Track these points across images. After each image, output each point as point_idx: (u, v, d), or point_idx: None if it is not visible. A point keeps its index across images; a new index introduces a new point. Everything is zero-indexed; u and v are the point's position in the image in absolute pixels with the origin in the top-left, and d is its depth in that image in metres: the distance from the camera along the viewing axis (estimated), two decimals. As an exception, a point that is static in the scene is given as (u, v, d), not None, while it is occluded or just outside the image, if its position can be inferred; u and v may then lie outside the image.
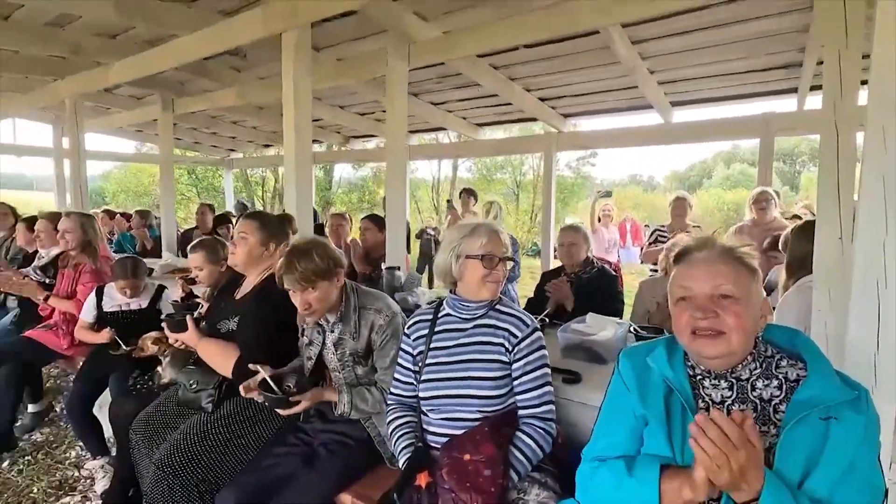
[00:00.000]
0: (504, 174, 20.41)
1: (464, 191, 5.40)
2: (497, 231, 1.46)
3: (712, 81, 3.99)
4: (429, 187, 19.37)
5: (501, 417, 1.38)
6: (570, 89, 4.34)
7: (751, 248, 1.03)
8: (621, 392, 1.11)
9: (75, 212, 3.13)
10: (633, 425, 1.07)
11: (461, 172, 19.67)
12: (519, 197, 21.69)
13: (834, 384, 0.93)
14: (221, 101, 4.48)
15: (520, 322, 1.45)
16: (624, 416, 1.08)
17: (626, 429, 1.07)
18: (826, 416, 0.90)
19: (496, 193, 21.15)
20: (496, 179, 19.73)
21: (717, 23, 2.90)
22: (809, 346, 1.01)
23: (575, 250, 2.65)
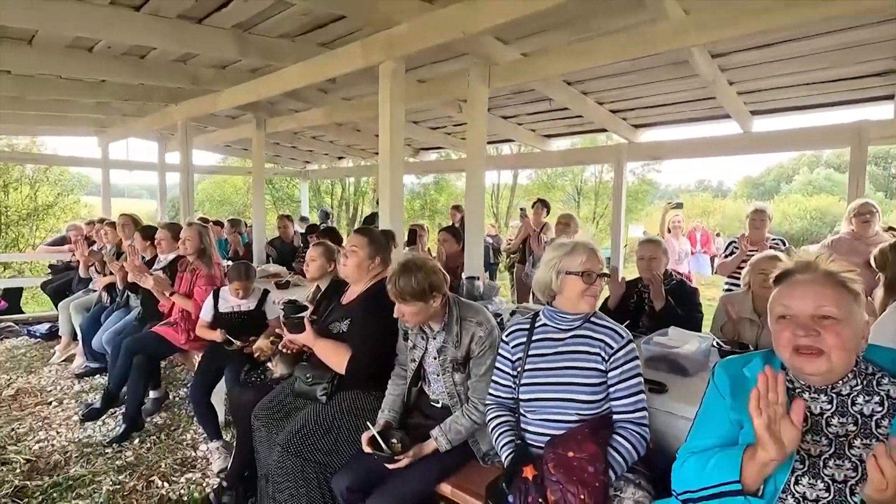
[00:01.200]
0: (564, 180, 20.19)
1: (538, 201, 5.50)
2: (594, 249, 1.60)
3: (798, 90, 3.86)
4: (487, 194, 19.53)
5: (599, 420, 1.51)
6: (643, 101, 4.35)
7: (854, 273, 1.09)
8: (716, 400, 1.21)
9: (195, 222, 3.56)
10: (727, 428, 1.16)
11: (521, 179, 19.68)
12: (580, 204, 21.38)
13: None
14: (308, 120, 4.88)
15: (615, 334, 1.57)
16: (719, 420, 1.18)
17: (720, 431, 1.16)
18: (932, 433, 0.95)
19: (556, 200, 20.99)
20: (557, 186, 19.56)
21: (805, 34, 2.86)
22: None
23: (655, 264, 2.70)
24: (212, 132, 6.52)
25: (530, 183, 18.96)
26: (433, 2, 2.65)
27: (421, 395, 2.02)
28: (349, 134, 6.34)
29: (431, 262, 1.86)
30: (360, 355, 1.99)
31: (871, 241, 3.51)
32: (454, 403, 1.88)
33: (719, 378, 1.23)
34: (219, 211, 15.65)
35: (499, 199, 19.11)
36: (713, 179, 59.52)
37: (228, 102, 4.00)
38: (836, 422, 1.07)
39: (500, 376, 1.73)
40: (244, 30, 3.05)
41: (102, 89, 4.24)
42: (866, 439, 1.03)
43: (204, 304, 3.04)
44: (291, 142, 7.15)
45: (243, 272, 2.96)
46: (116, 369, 3.21)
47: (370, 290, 2.15)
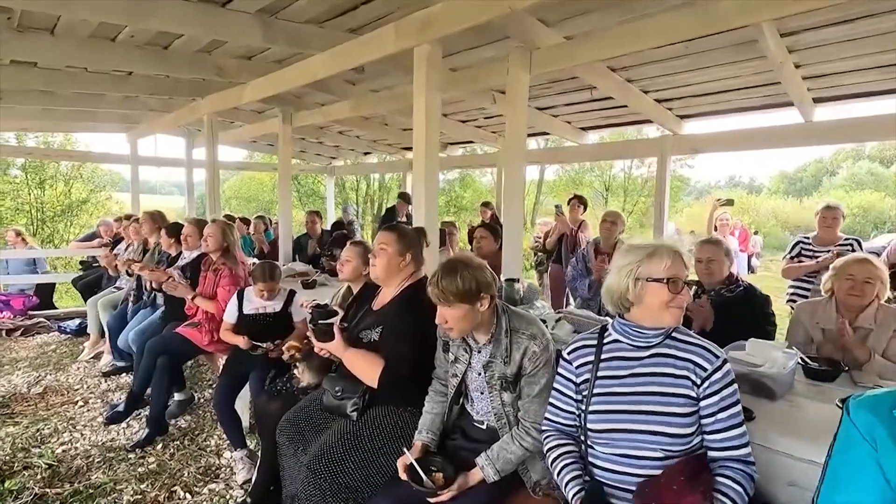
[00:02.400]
0: (592, 176, 19.72)
1: (574, 197, 5.23)
2: (680, 253, 1.34)
3: (866, 74, 3.49)
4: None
5: (694, 462, 1.25)
6: (692, 90, 4.02)
7: None
8: (860, 447, 0.95)
9: (219, 219, 3.43)
10: (880, 488, 0.91)
11: (547, 175, 19.28)
12: (608, 200, 20.84)
13: None
14: (336, 114, 4.71)
15: (707, 353, 1.32)
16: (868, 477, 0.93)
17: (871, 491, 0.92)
18: None
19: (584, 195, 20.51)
20: (584, 182, 19.11)
21: (880, 10, 2.52)
22: None
23: (716, 266, 2.42)
24: (238, 127, 6.44)
25: (557, 179, 18.54)
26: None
27: (462, 414, 1.81)
28: (376, 128, 6.16)
29: (478, 260, 1.65)
30: (394, 366, 1.79)
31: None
32: (502, 426, 1.66)
33: (861, 420, 0.97)
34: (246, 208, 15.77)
35: (526, 194, 18.80)
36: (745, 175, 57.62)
37: (254, 95, 3.86)
38: None
39: (560, 400, 1.49)
40: (270, 14, 2.88)
41: (128, 83, 4.16)
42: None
43: (228, 305, 2.89)
44: (318, 137, 7.03)
45: (268, 272, 2.80)
46: (140, 370, 3.12)
47: (404, 294, 1.95)
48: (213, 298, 3.09)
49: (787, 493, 1.42)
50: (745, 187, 45.46)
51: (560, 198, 18.33)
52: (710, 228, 5.38)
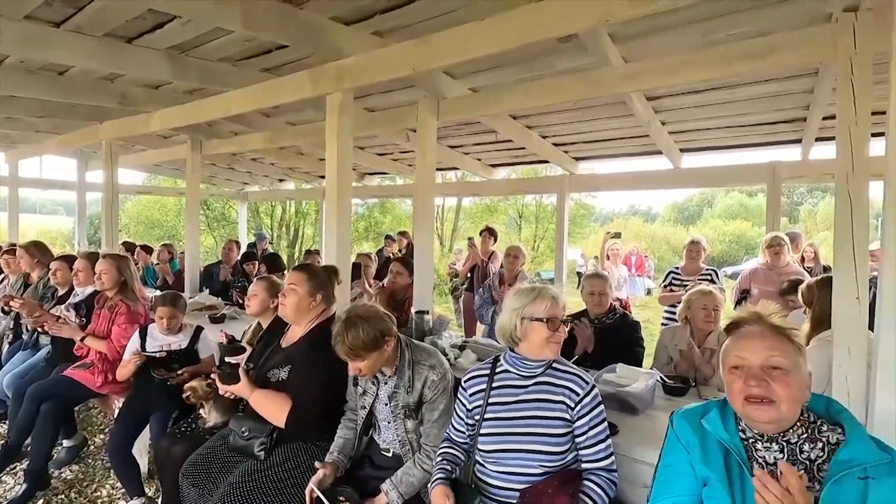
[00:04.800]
0: (507, 203, 20.67)
1: (485, 229, 5.56)
2: (557, 296, 1.59)
3: (722, 132, 4.19)
4: (433, 217, 19.63)
5: (567, 473, 1.49)
6: (584, 136, 4.54)
7: (796, 328, 1.15)
8: (680, 453, 1.21)
9: (112, 253, 3.25)
10: (692, 487, 1.17)
11: (465, 202, 19.93)
12: (521, 227, 21.98)
13: (870, 447, 1.05)
14: (250, 144, 4.68)
15: (580, 379, 1.56)
16: (684, 477, 1.18)
17: (686, 488, 1.17)
18: (864, 476, 1.01)
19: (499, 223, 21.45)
20: (499, 210, 20.00)
21: (728, 84, 3.10)
22: (844, 413, 1.12)
23: (605, 299, 2.77)
24: (140, 152, 6.10)
25: (474, 206, 19.24)
26: (384, 36, 2.64)
27: (371, 444, 1.92)
28: (291, 157, 6.15)
29: (374, 309, 1.78)
30: (302, 406, 1.86)
31: (783, 271, 3.85)
32: (406, 452, 1.80)
33: (681, 429, 1.23)
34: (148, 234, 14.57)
35: (443, 221, 19.24)
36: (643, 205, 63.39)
37: (162, 124, 3.75)
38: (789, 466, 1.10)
39: (457, 423, 1.68)
40: (181, 52, 2.88)
41: (11, 104, 3.84)
42: (810, 483, 1.06)
43: (128, 343, 2.76)
44: (229, 163, 6.83)
45: (169, 298, 2.72)
46: (19, 419, 2.83)
47: (313, 332, 2.03)
48: (107, 338, 2.92)
49: (642, 493, 1.69)
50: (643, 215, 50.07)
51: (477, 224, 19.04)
52: (604, 258, 5.97)
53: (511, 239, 21.65)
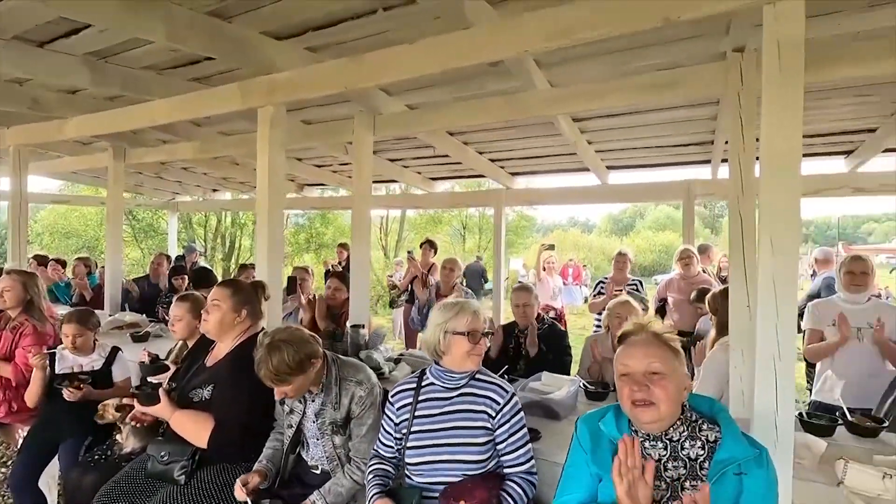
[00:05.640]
0: (451, 214, 20.92)
1: (425, 242, 5.62)
2: (478, 310, 1.67)
3: (643, 152, 4.52)
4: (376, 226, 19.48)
5: (489, 474, 1.57)
6: (519, 153, 4.74)
7: (674, 334, 1.29)
8: (579, 454, 1.32)
9: (16, 269, 3.02)
10: (588, 483, 1.27)
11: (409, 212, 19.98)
12: (465, 237, 22.31)
13: (742, 444, 1.19)
14: (179, 153, 4.49)
15: (500, 389, 1.64)
16: (582, 475, 1.29)
17: (583, 486, 1.27)
18: (739, 472, 1.14)
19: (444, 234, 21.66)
20: (443, 220, 20.21)
21: (645, 109, 3.36)
22: (722, 413, 1.27)
23: (529, 310, 2.90)
24: (55, 158, 5.67)
25: (418, 217, 19.33)
26: (318, 52, 2.65)
27: (299, 462, 1.90)
28: (225, 167, 5.94)
29: (297, 331, 1.76)
30: (225, 425, 1.82)
31: (694, 281, 4.21)
32: (334, 468, 1.80)
33: (581, 432, 1.34)
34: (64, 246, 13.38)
35: (388, 232, 19.17)
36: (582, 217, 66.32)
37: (78, 131, 3.53)
38: (671, 466, 1.22)
39: (385, 437, 1.71)
40: (100, 58, 2.74)
41: None
42: (694, 481, 1.19)
43: (37, 366, 2.56)
44: (157, 171, 6.49)
45: (76, 315, 2.56)
46: None
47: (238, 350, 1.99)
48: (10, 361, 2.69)
49: (559, 495, 1.79)
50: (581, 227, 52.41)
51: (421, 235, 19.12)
52: (539, 269, 6.21)
53: (455, 250, 21.91)
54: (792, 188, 1.49)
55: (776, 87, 1.49)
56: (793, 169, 1.49)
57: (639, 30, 1.69)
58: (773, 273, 1.48)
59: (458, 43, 1.99)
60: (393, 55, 2.14)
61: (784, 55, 1.48)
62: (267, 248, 2.54)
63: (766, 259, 1.50)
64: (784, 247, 1.48)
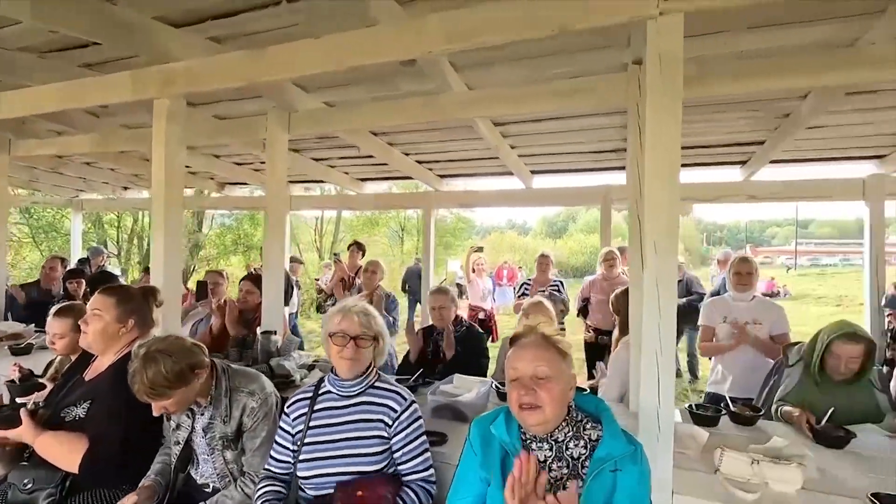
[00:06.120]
0: (389, 216, 20.75)
1: (353, 244, 5.49)
2: (352, 311, 1.60)
3: (565, 157, 4.67)
4: (310, 228, 18.93)
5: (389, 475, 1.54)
6: (445, 155, 4.74)
7: (563, 335, 1.32)
8: (470, 457, 1.31)
9: None
10: (477, 487, 1.27)
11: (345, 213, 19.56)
12: (403, 239, 22.20)
13: (620, 441, 1.23)
14: (75, 147, 4.09)
15: (398, 396, 1.60)
16: (472, 478, 1.28)
17: (473, 489, 1.27)
18: (614, 469, 1.18)
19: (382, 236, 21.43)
20: (381, 222, 19.99)
21: (563, 115, 3.47)
22: (605, 412, 1.31)
23: (445, 313, 2.89)
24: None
25: (355, 218, 18.99)
26: (222, 42, 2.50)
27: (188, 481, 1.76)
28: (135, 163, 5.50)
29: (177, 340, 1.64)
30: (99, 447, 1.65)
31: (615, 281, 4.42)
32: (226, 485, 1.69)
33: (473, 435, 1.34)
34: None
35: (323, 234, 18.67)
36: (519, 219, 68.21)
37: (-56, 118, 3.12)
38: (555, 466, 1.25)
39: (277, 451, 1.61)
40: (-36, 36, 2.43)
41: None
42: (575, 480, 1.22)
43: None
44: (54, 167, 5.89)
45: None
46: None
47: (121, 362, 1.81)
48: None
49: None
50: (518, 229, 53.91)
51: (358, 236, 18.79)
52: (469, 271, 6.27)
53: (393, 252, 21.76)
54: (672, 194, 1.57)
55: (658, 97, 1.58)
56: (673, 176, 1.58)
57: (536, 37, 1.73)
58: (656, 273, 1.56)
59: (362, 40, 1.95)
60: (296, 49, 2.06)
61: (665, 68, 1.57)
62: (164, 251, 2.36)
63: (650, 260, 1.57)
64: (665, 249, 1.56)
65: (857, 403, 2.13)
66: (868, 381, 2.14)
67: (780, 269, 34.30)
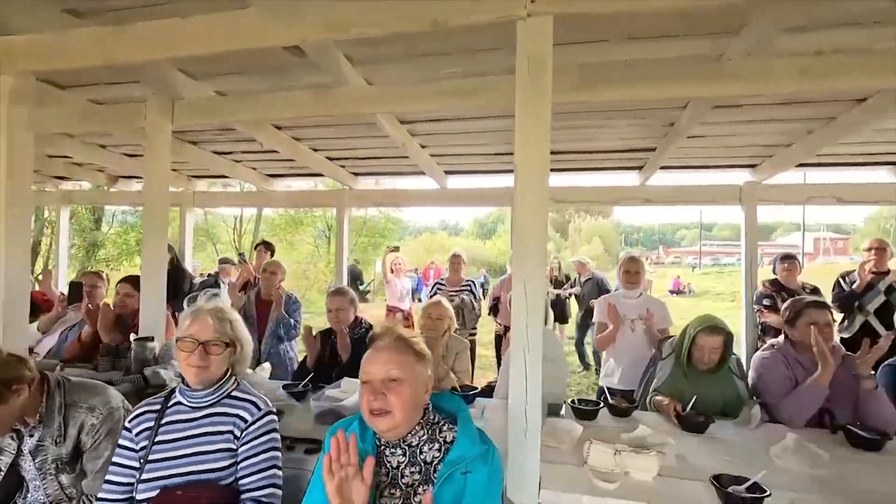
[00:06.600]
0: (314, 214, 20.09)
1: (261, 243, 5.21)
2: (205, 314, 1.48)
3: (477, 158, 4.72)
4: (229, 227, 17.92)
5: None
6: (357, 152, 4.63)
7: (419, 338, 1.29)
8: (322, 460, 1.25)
9: None
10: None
11: (267, 211, 18.69)
12: (330, 239, 21.58)
13: (474, 442, 1.21)
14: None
15: (252, 406, 1.48)
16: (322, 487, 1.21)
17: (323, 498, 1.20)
18: (465, 471, 1.16)
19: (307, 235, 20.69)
20: (306, 221, 19.29)
21: (467, 116, 3.49)
22: (463, 413, 1.29)
23: (343, 315, 2.80)
24: None
25: (277, 217, 18.19)
26: (82, 16, 2.24)
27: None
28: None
29: None
30: None
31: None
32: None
33: (327, 441, 1.27)
34: None
35: (242, 233, 17.73)
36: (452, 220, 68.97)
37: None
38: (408, 472, 1.21)
39: (115, 473, 1.43)
40: None
41: None
42: (426, 485, 1.19)
43: None
44: None
45: None
46: None
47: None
48: None
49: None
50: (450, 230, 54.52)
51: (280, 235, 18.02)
52: (387, 271, 6.19)
53: (320, 252, 21.08)
54: (540, 195, 1.60)
55: (527, 97, 1.60)
56: (542, 178, 1.61)
57: (411, 30, 1.70)
58: (525, 275, 1.58)
59: (233, 23, 1.82)
60: (160, 29, 1.89)
61: (533, 69, 1.59)
62: (5, 251, 2.07)
63: (519, 261, 1.59)
64: (533, 250, 1.58)
65: (720, 391, 2.31)
66: (728, 369, 2.32)
67: (687, 268, 37.39)
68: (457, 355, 2.75)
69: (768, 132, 3.60)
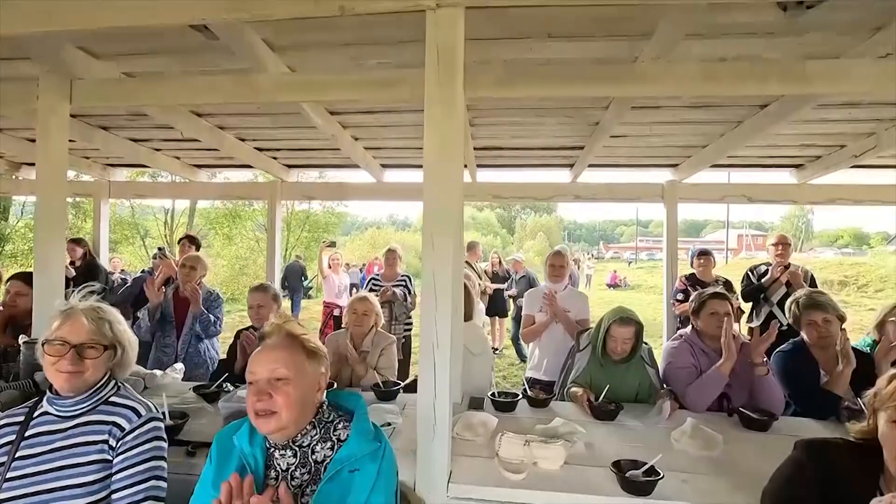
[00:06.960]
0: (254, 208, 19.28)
1: (185, 237, 4.91)
2: (79, 314, 1.36)
3: (412, 152, 4.68)
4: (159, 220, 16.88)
5: None
6: (287, 144, 4.46)
7: (310, 334, 1.24)
8: (208, 470, 1.18)
9: None
10: (208, 497, 1.12)
11: (202, 204, 17.76)
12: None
13: (366, 440, 1.18)
14: None
15: (131, 412, 1.37)
16: (205, 495, 1.15)
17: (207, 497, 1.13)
18: (353, 469, 1.13)
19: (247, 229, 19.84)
20: (245, 214, 18.45)
21: (397, 109, 3.44)
22: (359, 410, 1.26)
23: (264, 311, 2.69)
24: None
25: (213, 209, 17.32)
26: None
27: None
28: None
29: None
30: None
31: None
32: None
33: (213, 448, 1.20)
34: None
35: (174, 227, 16.75)
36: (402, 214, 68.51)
37: None
38: (298, 474, 1.16)
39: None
40: None
41: None
42: (314, 485, 1.15)
43: None
44: None
45: None
46: None
47: None
48: None
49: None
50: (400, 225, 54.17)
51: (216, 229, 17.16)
52: (324, 268, 6.04)
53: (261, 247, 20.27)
54: (452, 187, 1.59)
55: (434, 87, 1.58)
56: (452, 169, 1.60)
57: (321, 15, 1.63)
58: (433, 268, 1.57)
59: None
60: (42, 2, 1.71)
61: (442, 60, 1.58)
62: None
63: (428, 255, 1.57)
64: (441, 244, 1.57)
65: (633, 379, 2.42)
66: (640, 358, 2.43)
67: (625, 263, 39.25)
68: (382, 351, 2.70)
69: (685, 133, 3.80)
